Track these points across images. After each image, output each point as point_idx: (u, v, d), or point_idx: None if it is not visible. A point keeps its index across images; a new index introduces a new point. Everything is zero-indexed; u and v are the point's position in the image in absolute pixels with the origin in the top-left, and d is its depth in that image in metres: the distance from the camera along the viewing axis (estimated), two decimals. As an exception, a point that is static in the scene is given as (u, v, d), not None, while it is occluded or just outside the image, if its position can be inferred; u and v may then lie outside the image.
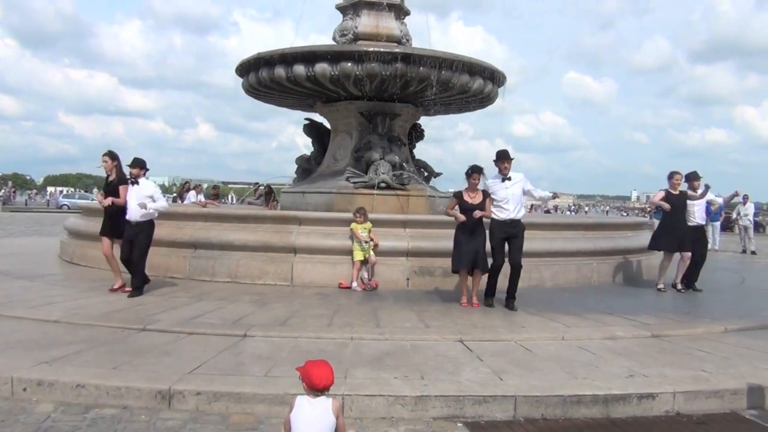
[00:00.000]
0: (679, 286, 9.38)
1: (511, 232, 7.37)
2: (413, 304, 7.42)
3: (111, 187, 7.76)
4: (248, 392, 4.16)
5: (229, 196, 37.12)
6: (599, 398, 4.33)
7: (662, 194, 9.49)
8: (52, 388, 4.22)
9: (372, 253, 8.52)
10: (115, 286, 7.71)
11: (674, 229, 9.35)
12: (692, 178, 9.69)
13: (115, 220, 7.70)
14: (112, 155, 7.91)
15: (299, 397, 2.99)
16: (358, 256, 8.41)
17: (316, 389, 2.95)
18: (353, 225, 8.51)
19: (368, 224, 8.57)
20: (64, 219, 13.32)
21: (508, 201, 7.36)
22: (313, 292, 8.10)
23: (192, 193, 17.31)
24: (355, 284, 8.41)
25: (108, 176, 7.92)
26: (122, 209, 7.58)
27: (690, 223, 9.47)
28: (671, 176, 9.47)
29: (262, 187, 17.54)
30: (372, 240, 8.53)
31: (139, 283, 7.52)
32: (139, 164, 7.69)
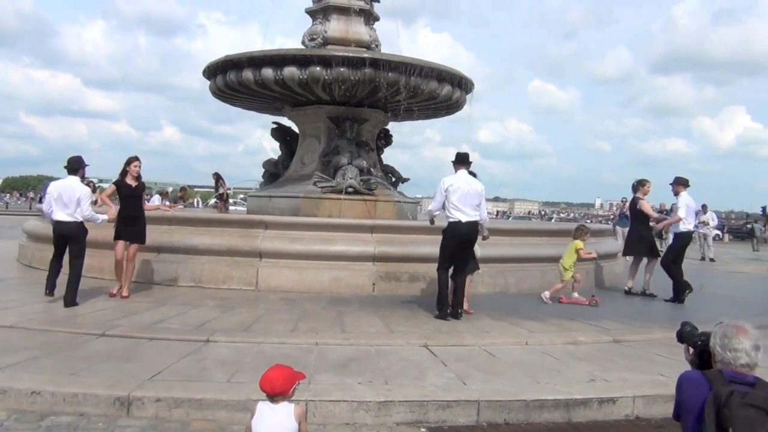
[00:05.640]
0: (652, 291, 9.61)
1: None
2: (378, 309, 7.41)
3: (138, 192, 7.69)
4: (210, 398, 4.10)
5: (195, 200, 36.45)
6: (561, 403, 4.39)
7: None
8: (5, 396, 4.10)
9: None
10: (114, 291, 7.60)
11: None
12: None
13: (128, 224, 7.55)
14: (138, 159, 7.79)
15: (261, 402, 2.93)
16: (567, 275, 8.61)
17: (262, 392, 2.90)
18: (578, 243, 8.68)
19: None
20: (23, 222, 12.96)
21: None
22: (278, 297, 8.02)
23: (156, 197, 17.16)
24: (547, 294, 8.58)
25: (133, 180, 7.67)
26: (138, 214, 7.66)
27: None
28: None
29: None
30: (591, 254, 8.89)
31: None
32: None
